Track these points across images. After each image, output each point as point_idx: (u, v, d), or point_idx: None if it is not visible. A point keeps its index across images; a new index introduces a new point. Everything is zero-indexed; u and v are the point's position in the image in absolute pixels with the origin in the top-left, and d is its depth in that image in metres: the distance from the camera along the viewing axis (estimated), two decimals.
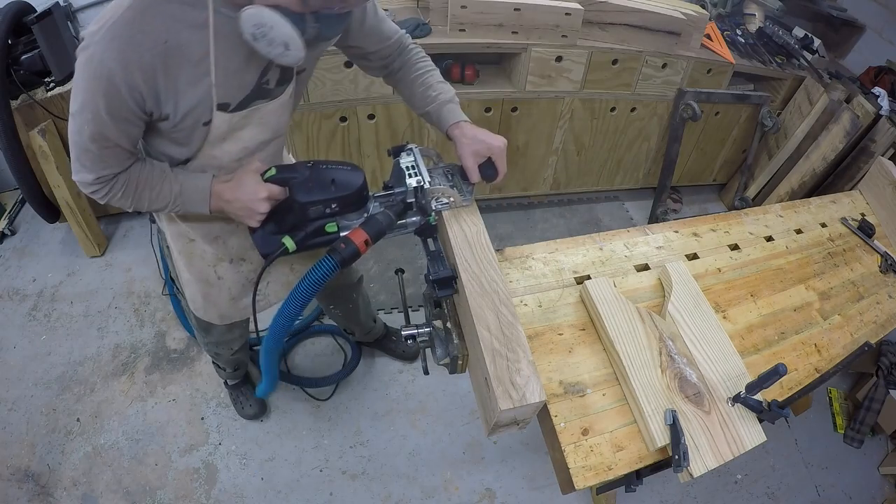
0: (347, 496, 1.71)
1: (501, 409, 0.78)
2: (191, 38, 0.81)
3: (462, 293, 0.93)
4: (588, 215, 2.91)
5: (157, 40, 0.78)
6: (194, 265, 1.19)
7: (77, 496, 1.67)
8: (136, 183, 0.94)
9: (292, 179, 0.93)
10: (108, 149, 0.87)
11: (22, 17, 2.01)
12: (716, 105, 2.60)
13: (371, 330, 1.95)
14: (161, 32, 0.79)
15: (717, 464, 0.84)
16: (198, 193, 0.98)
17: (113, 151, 0.88)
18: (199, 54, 0.83)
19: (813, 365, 1.09)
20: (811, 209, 1.50)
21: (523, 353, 0.84)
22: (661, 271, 1.12)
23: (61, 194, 2.19)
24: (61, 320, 2.15)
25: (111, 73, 0.78)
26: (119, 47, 0.77)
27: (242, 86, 0.92)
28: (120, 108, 0.82)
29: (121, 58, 0.77)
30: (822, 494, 1.91)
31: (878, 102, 2.43)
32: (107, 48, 0.77)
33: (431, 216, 1.01)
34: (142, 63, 0.79)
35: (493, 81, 2.30)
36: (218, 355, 1.60)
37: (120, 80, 0.78)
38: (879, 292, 1.33)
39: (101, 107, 0.81)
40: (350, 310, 1.77)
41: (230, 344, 1.52)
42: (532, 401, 0.78)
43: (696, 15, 2.33)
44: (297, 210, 0.93)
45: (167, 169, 0.98)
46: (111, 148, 0.87)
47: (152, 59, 0.79)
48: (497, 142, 1.04)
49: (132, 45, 0.77)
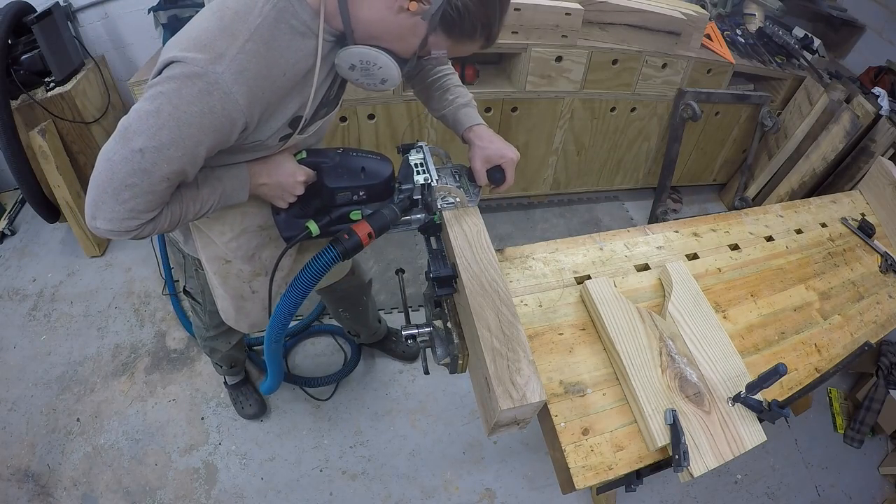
0: (347, 496, 1.71)
1: (502, 409, 0.77)
2: (302, 68, 0.80)
3: (462, 293, 0.93)
4: (588, 215, 2.91)
5: (279, 74, 0.76)
6: (230, 284, 1.15)
7: (77, 496, 1.67)
8: (181, 202, 0.84)
9: (323, 164, 0.94)
10: (172, 185, 0.77)
11: (22, 17, 2.01)
12: (716, 105, 2.60)
13: (376, 331, 1.95)
14: (282, 65, 0.76)
15: (717, 464, 0.84)
16: (238, 183, 0.91)
17: (172, 186, 0.78)
18: (305, 82, 0.82)
19: (813, 365, 1.09)
20: (811, 209, 1.50)
21: (524, 353, 0.83)
22: (662, 271, 1.12)
23: (61, 194, 2.19)
24: (61, 320, 2.15)
25: (236, 108, 0.72)
26: (248, 82, 0.72)
27: (319, 101, 0.92)
28: (223, 143, 0.77)
29: (249, 93, 0.72)
30: (822, 494, 1.91)
31: (878, 102, 2.43)
32: (236, 81, 0.71)
33: (436, 214, 1.01)
34: (264, 98, 0.75)
35: (493, 81, 2.29)
36: (214, 351, 1.60)
37: (240, 115, 0.74)
38: (879, 292, 1.33)
39: (204, 143, 0.74)
40: (360, 312, 1.77)
41: (228, 338, 1.53)
42: (532, 400, 0.78)
43: (696, 15, 2.33)
44: (325, 195, 0.94)
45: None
46: (174, 184, 0.78)
47: (273, 95, 0.77)
48: (510, 153, 1.05)
49: (260, 80, 0.73)
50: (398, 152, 1.05)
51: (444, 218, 1.02)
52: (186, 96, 0.70)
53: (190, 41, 0.71)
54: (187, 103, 0.70)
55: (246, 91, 0.72)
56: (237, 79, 0.71)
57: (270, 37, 0.74)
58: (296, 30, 0.78)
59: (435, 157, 1.03)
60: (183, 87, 0.69)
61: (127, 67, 2.53)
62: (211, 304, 1.26)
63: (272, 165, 0.93)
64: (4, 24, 1.94)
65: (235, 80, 0.71)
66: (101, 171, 0.73)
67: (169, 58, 0.71)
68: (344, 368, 1.99)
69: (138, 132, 0.70)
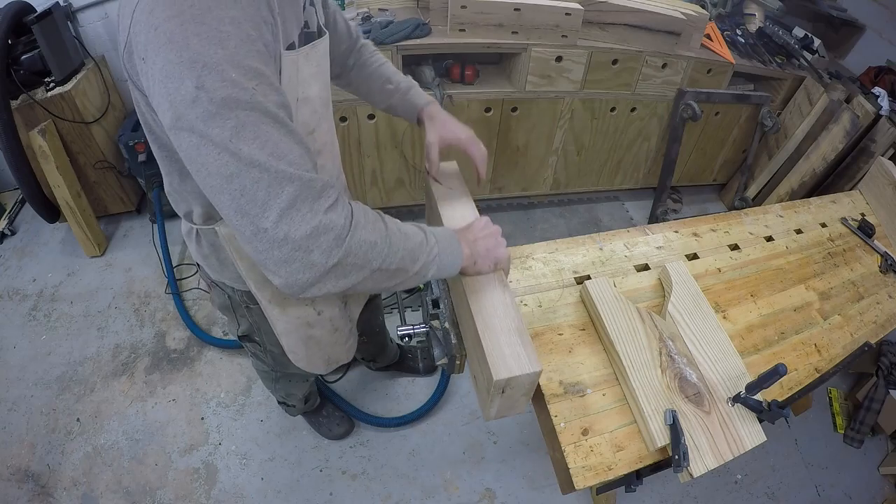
0: (347, 496, 1.71)
1: (495, 379, 0.76)
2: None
3: (458, 281, 0.91)
4: (588, 215, 2.91)
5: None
6: (290, 311, 1.01)
7: (77, 496, 1.67)
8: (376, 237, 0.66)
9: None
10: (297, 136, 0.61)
11: (22, 17, 2.02)
12: (716, 105, 2.60)
13: (390, 352, 1.90)
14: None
15: (717, 464, 0.84)
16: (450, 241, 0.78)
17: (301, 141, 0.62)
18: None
19: (813, 365, 1.09)
20: (811, 209, 1.50)
21: (518, 326, 0.82)
22: (661, 271, 1.12)
23: (61, 194, 2.19)
24: (61, 320, 2.15)
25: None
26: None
27: (298, 21, 0.77)
28: (259, 18, 0.59)
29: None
30: (822, 494, 1.91)
31: (878, 102, 2.43)
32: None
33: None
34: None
35: (493, 81, 2.29)
36: (290, 395, 1.51)
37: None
38: (879, 292, 1.33)
39: (241, 17, 0.56)
40: (378, 335, 1.71)
41: (307, 377, 1.42)
42: (529, 370, 0.77)
43: (696, 15, 2.33)
44: None
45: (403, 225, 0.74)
46: (281, 104, 0.60)
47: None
48: (463, 133, 1.02)
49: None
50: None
51: (436, 203, 1.03)
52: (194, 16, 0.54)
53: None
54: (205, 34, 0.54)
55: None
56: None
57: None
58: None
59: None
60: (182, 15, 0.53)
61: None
62: (272, 344, 1.11)
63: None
64: (4, 24, 1.94)
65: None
66: (228, 177, 0.56)
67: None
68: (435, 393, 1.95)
69: (214, 119, 0.55)
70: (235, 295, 1.02)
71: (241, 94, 0.55)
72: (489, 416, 0.87)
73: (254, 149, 0.55)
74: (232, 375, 1.99)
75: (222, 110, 0.54)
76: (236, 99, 0.54)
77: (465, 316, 0.90)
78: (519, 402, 0.86)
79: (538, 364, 0.77)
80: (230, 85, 0.54)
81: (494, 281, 0.87)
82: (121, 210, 2.54)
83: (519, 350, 0.78)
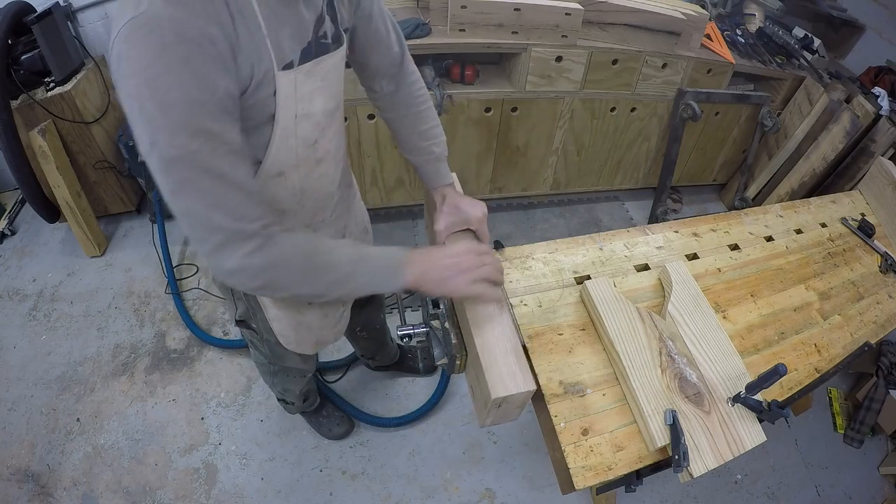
0: (347, 496, 1.71)
1: (493, 397, 0.79)
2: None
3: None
4: (588, 215, 2.91)
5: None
6: (278, 298, 1.05)
7: (77, 496, 1.67)
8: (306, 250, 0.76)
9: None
10: (240, 164, 0.68)
11: (22, 17, 2.02)
12: (716, 105, 2.60)
13: (392, 351, 1.90)
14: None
15: (717, 464, 0.84)
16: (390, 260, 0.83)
17: (240, 163, 0.69)
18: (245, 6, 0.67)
19: (813, 365, 1.09)
20: (811, 209, 1.50)
21: (514, 346, 0.85)
22: (661, 271, 1.12)
23: (61, 194, 2.20)
24: (61, 320, 2.15)
25: (181, 27, 0.59)
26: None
27: (300, 38, 0.77)
28: (210, 76, 0.63)
29: (184, 6, 0.59)
30: (822, 494, 1.91)
31: (878, 102, 2.43)
32: (162, 5, 0.58)
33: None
34: (209, 11, 0.62)
35: (493, 81, 2.29)
36: (287, 391, 1.52)
37: (196, 34, 0.60)
38: (879, 292, 1.33)
39: (188, 82, 0.60)
40: (377, 331, 1.71)
41: (304, 373, 1.44)
42: (524, 389, 0.80)
43: (696, 15, 2.33)
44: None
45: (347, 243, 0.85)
46: (229, 152, 0.67)
47: (217, 6, 0.63)
48: (476, 212, 1.02)
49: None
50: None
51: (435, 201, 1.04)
52: (136, 52, 0.59)
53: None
54: (141, 61, 0.59)
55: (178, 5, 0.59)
56: (173, 2, 0.59)
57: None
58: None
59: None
60: (130, 47, 0.59)
61: None
62: (268, 332, 1.14)
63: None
64: (4, 24, 1.94)
65: (160, 5, 0.58)
66: (178, 207, 0.66)
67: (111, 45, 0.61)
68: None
69: (144, 134, 0.62)
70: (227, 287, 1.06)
71: (185, 155, 0.63)
72: (484, 424, 0.90)
73: (193, 201, 0.66)
74: (232, 375, 1.99)
75: (169, 167, 0.64)
76: (181, 159, 0.63)
77: (464, 326, 0.92)
78: (513, 413, 0.89)
79: (532, 383, 0.82)
80: (176, 147, 0.62)
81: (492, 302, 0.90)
82: (121, 210, 2.54)
83: (515, 370, 0.83)
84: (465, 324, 0.90)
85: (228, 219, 0.68)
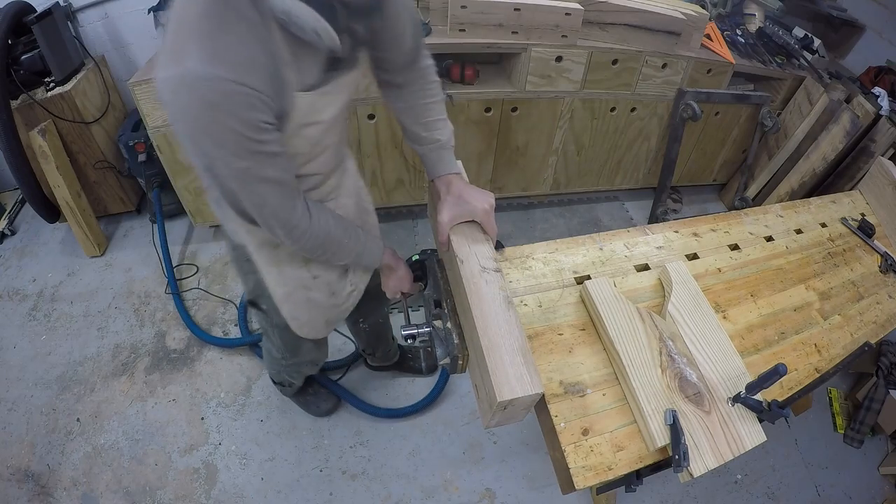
0: (347, 496, 1.71)
1: (499, 400, 0.78)
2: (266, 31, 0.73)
3: (463, 296, 0.93)
4: (588, 215, 2.91)
5: (247, 30, 0.70)
6: (285, 273, 1.08)
7: (77, 496, 1.67)
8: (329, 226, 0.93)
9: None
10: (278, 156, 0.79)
11: (22, 17, 2.02)
12: (716, 105, 2.60)
13: (390, 349, 1.90)
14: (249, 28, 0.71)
15: (717, 464, 0.84)
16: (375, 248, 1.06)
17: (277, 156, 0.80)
18: (275, 42, 0.74)
19: (813, 365, 1.09)
20: (811, 209, 1.50)
21: (521, 345, 0.84)
22: (661, 271, 1.12)
23: (61, 194, 2.20)
24: (61, 320, 2.15)
25: (224, 86, 0.67)
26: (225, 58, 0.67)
27: (319, 62, 0.83)
28: (255, 116, 0.72)
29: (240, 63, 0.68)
30: (822, 494, 1.91)
31: (878, 102, 2.43)
32: (211, 64, 0.66)
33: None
34: (251, 61, 0.70)
35: (493, 81, 2.29)
36: (298, 374, 1.55)
37: (239, 89, 0.68)
38: (879, 292, 1.33)
39: (235, 127, 0.71)
40: (380, 324, 1.71)
41: (317, 361, 1.48)
42: (531, 392, 0.79)
43: (696, 15, 2.33)
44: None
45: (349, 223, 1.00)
46: (272, 157, 0.78)
47: (260, 54, 0.71)
48: (481, 203, 1.01)
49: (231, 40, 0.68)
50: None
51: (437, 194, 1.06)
52: (190, 105, 0.68)
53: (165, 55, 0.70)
54: (197, 112, 0.69)
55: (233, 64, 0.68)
56: (212, 61, 0.67)
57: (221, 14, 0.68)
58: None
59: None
60: (190, 103, 0.68)
61: (127, 67, 2.54)
62: (276, 313, 1.17)
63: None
64: (4, 24, 1.94)
65: (210, 63, 0.67)
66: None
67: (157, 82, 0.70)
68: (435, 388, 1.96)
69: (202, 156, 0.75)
70: (238, 251, 1.12)
71: (238, 174, 0.76)
72: (488, 425, 0.89)
73: (252, 204, 0.83)
74: (232, 375, 1.99)
75: (225, 183, 0.79)
76: (235, 177, 0.77)
77: (468, 326, 0.92)
78: (519, 414, 0.88)
79: (540, 386, 0.80)
80: (230, 169, 0.76)
81: (499, 298, 0.89)
82: (121, 210, 2.54)
83: (522, 371, 0.81)
84: (469, 323, 0.90)
85: (280, 208, 0.84)
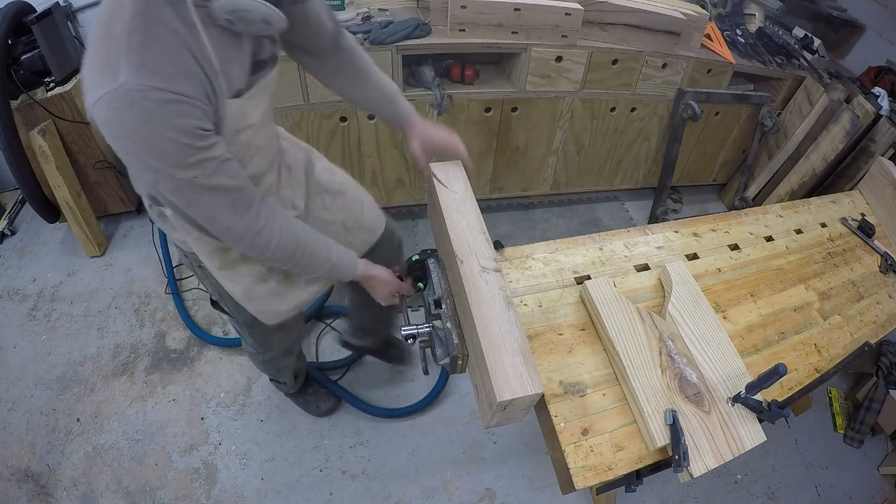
0: (347, 496, 1.71)
1: (499, 400, 0.78)
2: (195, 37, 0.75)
3: (464, 297, 0.93)
4: (588, 215, 2.91)
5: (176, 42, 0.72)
6: (240, 272, 1.10)
7: (77, 496, 1.67)
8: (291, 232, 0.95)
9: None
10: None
11: (22, 17, 2.02)
12: (716, 105, 2.60)
13: (380, 334, 1.89)
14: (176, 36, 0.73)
15: (717, 464, 0.84)
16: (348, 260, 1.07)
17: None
18: (203, 51, 0.76)
19: (813, 365, 1.09)
20: (811, 209, 1.50)
21: (521, 345, 0.84)
22: (661, 271, 1.12)
23: (61, 194, 2.19)
24: (61, 320, 2.15)
25: (159, 95, 0.69)
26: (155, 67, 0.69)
27: (245, 66, 0.87)
28: (192, 123, 0.74)
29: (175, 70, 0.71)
30: (822, 494, 1.91)
31: (878, 102, 2.42)
32: (140, 75, 0.68)
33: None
34: (181, 70, 0.72)
35: (493, 81, 2.29)
36: (281, 370, 1.57)
37: (174, 97, 0.71)
38: (879, 292, 1.33)
39: (175, 136, 0.72)
40: (372, 306, 1.70)
41: (291, 349, 1.49)
42: (531, 392, 0.79)
43: (696, 15, 2.33)
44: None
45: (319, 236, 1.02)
46: (219, 164, 0.80)
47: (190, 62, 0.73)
48: (444, 132, 1.13)
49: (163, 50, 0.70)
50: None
51: (441, 206, 1.05)
52: (128, 119, 0.69)
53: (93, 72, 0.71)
54: (136, 126, 0.70)
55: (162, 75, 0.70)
56: (144, 73, 0.68)
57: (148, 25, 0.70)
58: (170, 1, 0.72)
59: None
60: (119, 115, 0.69)
61: None
62: (240, 314, 1.19)
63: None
64: (4, 24, 1.94)
65: (140, 75, 0.68)
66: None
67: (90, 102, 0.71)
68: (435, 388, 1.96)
69: (144, 172, 0.76)
70: (190, 258, 1.13)
71: (185, 184, 0.77)
72: (488, 425, 0.89)
73: (200, 214, 0.84)
74: (232, 375, 1.99)
75: (175, 194, 0.79)
76: (182, 188, 0.78)
77: (468, 325, 0.92)
78: (519, 414, 0.88)
79: (540, 386, 0.80)
80: (176, 180, 0.76)
81: (499, 298, 0.89)
82: (121, 210, 2.54)
83: (522, 371, 0.81)
84: (469, 323, 0.90)
85: (235, 216, 0.85)
